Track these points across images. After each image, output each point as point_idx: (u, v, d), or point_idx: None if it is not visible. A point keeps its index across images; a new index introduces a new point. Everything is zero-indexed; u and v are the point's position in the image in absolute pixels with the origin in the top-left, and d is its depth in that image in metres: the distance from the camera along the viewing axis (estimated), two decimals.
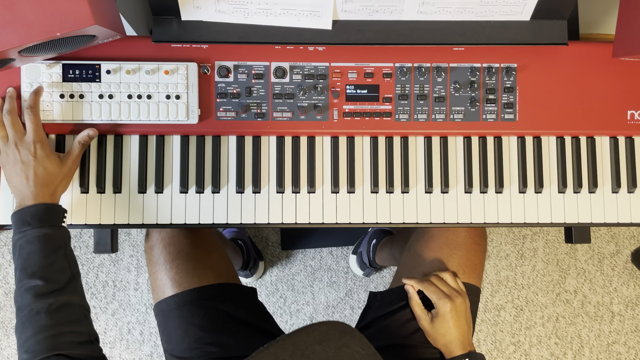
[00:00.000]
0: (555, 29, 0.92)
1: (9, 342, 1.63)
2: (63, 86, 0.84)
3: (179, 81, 0.85)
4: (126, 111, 0.85)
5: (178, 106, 0.85)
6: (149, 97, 0.85)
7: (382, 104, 0.91)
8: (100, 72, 0.84)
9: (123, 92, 0.85)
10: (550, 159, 0.94)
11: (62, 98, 0.84)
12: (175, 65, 0.85)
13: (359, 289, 1.66)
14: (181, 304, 0.95)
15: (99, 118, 0.85)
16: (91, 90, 0.84)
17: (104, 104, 0.84)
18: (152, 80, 0.85)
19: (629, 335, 1.68)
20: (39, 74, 0.83)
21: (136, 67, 0.84)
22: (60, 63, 0.84)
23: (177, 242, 0.98)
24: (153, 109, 0.85)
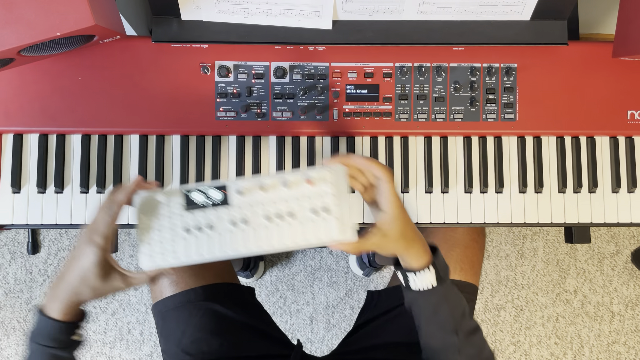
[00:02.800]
0: (555, 29, 0.92)
1: (8, 342, 1.63)
2: (187, 218, 0.66)
3: (325, 190, 0.66)
4: (266, 237, 0.66)
5: (328, 222, 0.65)
6: (291, 216, 0.66)
7: (382, 103, 0.91)
8: (228, 195, 0.67)
9: (259, 215, 0.66)
10: (550, 159, 0.94)
11: (187, 233, 0.66)
12: (319, 172, 0.66)
13: (359, 288, 1.66)
14: (179, 304, 0.95)
15: (235, 251, 0.66)
16: (221, 217, 0.66)
17: (238, 233, 0.66)
18: (292, 195, 0.66)
19: (629, 335, 1.68)
20: (157, 206, 0.67)
21: (271, 182, 0.67)
22: (179, 190, 0.67)
23: None
24: (298, 230, 0.66)
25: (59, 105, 0.89)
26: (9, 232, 1.63)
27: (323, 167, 0.67)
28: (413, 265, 0.71)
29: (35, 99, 0.89)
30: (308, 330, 1.64)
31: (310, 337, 1.64)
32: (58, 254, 1.63)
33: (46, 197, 0.90)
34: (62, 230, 1.64)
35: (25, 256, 1.64)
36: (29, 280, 1.63)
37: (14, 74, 0.88)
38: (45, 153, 0.91)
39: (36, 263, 1.63)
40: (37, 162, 0.91)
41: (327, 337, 1.64)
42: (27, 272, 1.63)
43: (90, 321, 1.62)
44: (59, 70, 0.89)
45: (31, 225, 0.91)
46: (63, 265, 0.68)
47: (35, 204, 0.90)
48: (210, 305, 0.95)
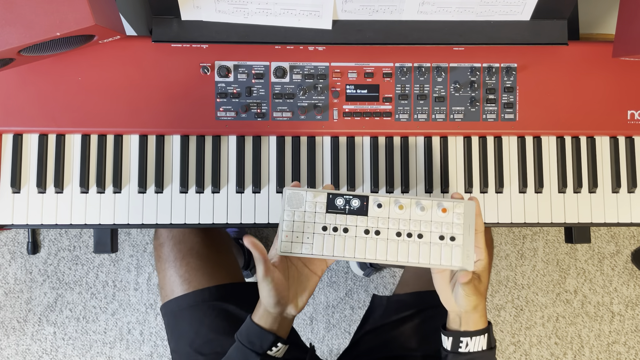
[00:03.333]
0: (555, 29, 0.92)
1: (8, 342, 1.63)
2: (327, 218, 0.74)
3: (454, 221, 0.73)
4: (393, 251, 0.73)
5: (452, 250, 0.72)
6: (420, 237, 0.73)
7: (382, 103, 0.91)
8: (368, 205, 0.74)
9: (391, 229, 0.73)
10: (550, 159, 0.94)
11: (324, 231, 0.74)
12: (452, 203, 0.73)
13: (359, 289, 1.65)
14: (192, 304, 0.94)
15: (362, 256, 0.73)
16: (356, 224, 0.74)
17: (369, 241, 0.73)
18: (424, 218, 0.73)
19: (629, 335, 1.68)
20: (302, 203, 0.74)
21: (408, 202, 0.73)
22: (326, 192, 0.74)
23: (187, 240, 0.98)
24: (423, 251, 0.73)
25: (58, 105, 0.89)
26: (9, 232, 1.63)
27: (458, 200, 0.73)
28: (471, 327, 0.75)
29: (35, 99, 0.89)
30: (308, 330, 1.64)
31: (310, 337, 1.64)
32: (58, 254, 1.63)
33: (46, 197, 0.90)
34: (62, 230, 1.64)
35: (25, 256, 1.64)
36: (29, 280, 1.63)
37: (14, 74, 0.88)
38: (45, 153, 0.91)
39: (36, 263, 1.63)
40: (36, 162, 0.91)
41: (327, 337, 1.64)
42: (27, 272, 1.63)
43: (90, 321, 1.62)
44: (59, 70, 0.89)
45: (31, 225, 0.91)
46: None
47: (35, 204, 0.90)
48: (224, 306, 0.95)
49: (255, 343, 0.74)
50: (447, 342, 0.76)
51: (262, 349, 0.74)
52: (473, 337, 0.74)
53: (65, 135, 0.91)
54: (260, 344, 0.74)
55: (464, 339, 0.75)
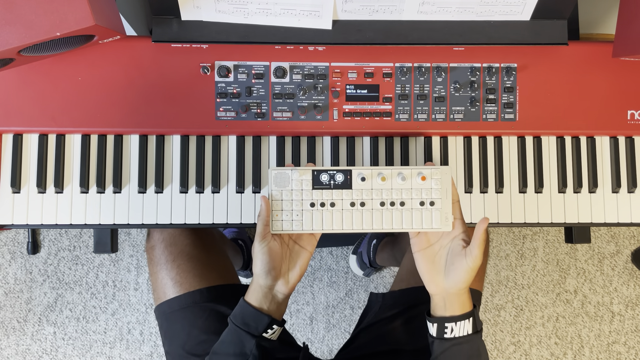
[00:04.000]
0: (555, 29, 0.92)
1: (8, 342, 1.63)
2: (313, 194, 0.77)
3: (433, 186, 0.77)
4: (378, 220, 0.77)
5: (432, 213, 0.77)
6: (402, 205, 0.77)
7: (382, 103, 0.91)
8: (351, 179, 0.77)
9: (375, 200, 0.77)
10: (550, 159, 0.94)
11: (312, 207, 0.77)
12: (430, 170, 0.76)
13: (359, 289, 1.66)
14: (184, 305, 0.95)
15: (350, 227, 0.77)
16: (342, 197, 0.77)
17: (355, 213, 0.77)
18: (405, 186, 0.77)
19: (629, 335, 1.68)
20: (288, 182, 0.76)
21: (389, 173, 0.77)
22: (310, 169, 0.77)
23: (178, 242, 0.98)
24: (406, 217, 0.77)
25: (58, 105, 0.89)
26: (9, 232, 1.63)
27: (434, 167, 0.77)
28: (456, 311, 0.74)
29: (35, 99, 0.89)
30: (308, 330, 1.64)
31: (310, 337, 1.64)
32: (58, 254, 1.63)
33: (46, 197, 0.90)
34: (62, 230, 1.64)
35: (25, 256, 1.64)
36: (29, 280, 1.63)
37: (14, 74, 0.88)
38: (45, 153, 0.91)
39: (36, 263, 1.63)
40: (36, 162, 0.91)
41: (327, 337, 1.64)
42: (27, 272, 1.63)
43: (90, 321, 1.62)
44: (59, 70, 0.89)
45: (31, 225, 0.91)
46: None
47: (35, 204, 0.90)
48: (216, 307, 0.95)
49: (250, 325, 0.74)
50: (433, 329, 0.76)
51: (258, 331, 0.74)
52: (458, 321, 0.74)
53: (65, 135, 0.91)
54: (256, 326, 0.74)
55: (448, 325, 0.74)
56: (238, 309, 0.76)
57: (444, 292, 0.75)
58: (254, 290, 0.76)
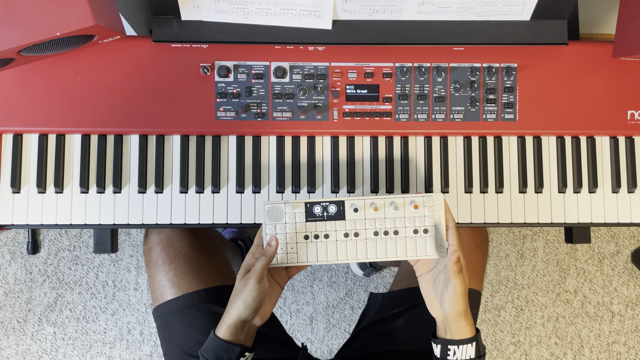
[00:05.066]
0: (555, 29, 0.92)
1: (8, 342, 1.63)
2: (307, 226, 0.78)
3: (425, 214, 0.78)
4: (373, 250, 0.78)
5: (426, 241, 0.77)
6: (395, 234, 0.78)
7: (382, 103, 0.91)
8: (344, 210, 0.78)
9: (369, 230, 0.78)
10: (550, 159, 0.94)
11: (306, 239, 0.78)
12: (422, 198, 0.77)
13: (359, 289, 1.66)
14: (182, 307, 0.95)
15: (344, 258, 0.78)
16: (336, 229, 0.78)
17: (349, 243, 0.78)
18: (398, 215, 0.78)
19: (629, 335, 1.68)
20: (282, 215, 0.77)
21: (381, 202, 0.78)
22: (303, 202, 0.78)
23: (175, 244, 0.98)
24: (400, 246, 0.78)
25: (58, 105, 0.89)
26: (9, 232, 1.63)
27: (427, 195, 0.78)
28: (456, 335, 0.75)
29: (35, 99, 0.89)
30: (308, 330, 1.64)
31: (310, 337, 1.64)
32: (58, 254, 1.63)
33: (46, 197, 0.90)
34: (62, 230, 1.64)
35: (25, 256, 1.64)
36: (29, 280, 1.63)
37: (14, 74, 0.88)
38: (45, 153, 0.91)
39: (36, 263, 1.63)
40: (36, 162, 0.91)
41: (327, 337, 1.64)
42: (27, 272, 1.63)
43: (90, 321, 1.63)
44: (59, 70, 0.89)
45: (31, 225, 0.91)
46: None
47: (35, 204, 0.90)
48: (214, 308, 0.95)
49: (223, 357, 0.75)
50: (437, 350, 0.77)
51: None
52: (460, 345, 0.75)
53: (65, 135, 0.91)
54: (229, 357, 0.75)
55: (451, 347, 0.76)
56: (209, 343, 0.77)
57: (442, 317, 0.76)
58: (229, 325, 0.76)
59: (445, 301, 0.73)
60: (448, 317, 0.75)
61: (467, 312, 0.75)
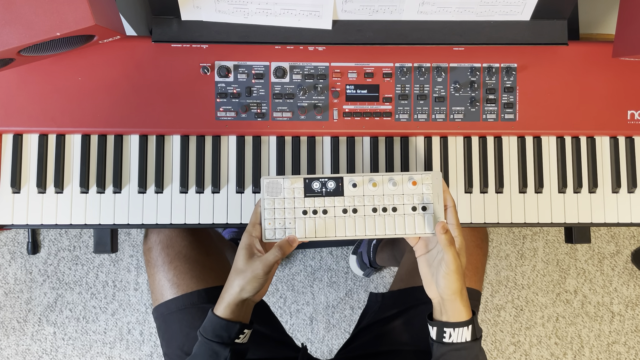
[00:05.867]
0: (555, 29, 0.92)
1: (8, 342, 1.63)
2: (305, 202, 0.77)
3: (424, 191, 0.77)
4: (371, 226, 0.77)
5: (425, 217, 0.77)
6: (394, 210, 0.77)
7: (382, 104, 0.91)
8: (343, 186, 0.77)
9: (367, 206, 0.77)
10: (550, 159, 0.94)
11: (305, 214, 0.77)
12: (421, 176, 0.77)
13: (359, 289, 1.65)
14: (182, 307, 0.95)
15: (342, 234, 0.77)
16: (334, 204, 0.77)
17: (347, 219, 0.77)
18: (397, 192, 0.77)
19: (629, 335, 1.68)
20: (280, 190, 0.77)
21: (380, 179, 0.77)
22: (302, 178, 0.77)
23: (175, 244, 0.98)
24: (399, 223, 0.77)
25: (58, 105, 0.89)
26: (9, 232, 1.63)
27: (425, 172, 0.78)
28: (451, 318, 0.75)
29: (35, 99, 0.89)
30: (308, 330, 1.64)
31: (310, 337, 1.64)
32: (58, 254, 1.63)
33: (46, 197, 0.91)
34: (62, 230, 1.64)
35: (25, 256, 1.64)
36: (29, 280, 1.63)
37: (14, 74, 0.88)
38: (45, 153, 0.91)
39: (36, 263, 1.63)
40: (37, 162, 0.91)
41: (327, 337, 1.64)
42: (27, 272, 1.63)
43: (90, 321, 1.63)
44: (59, 70, 0.89)
45: (31, 225, 0.91)
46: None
47: (35, 204, 0.90)
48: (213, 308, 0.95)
49: (222, 335, 0.76)
50: (433, 332, 0.77)
51: (230, 339, 0.76)
52: (456, 328, 0.75)
53: (66, 135, 0.91)
54: (228, 335, 0.76)
55: (447, 330, 0.75)
56: (207, 322, 0.77)
57: (438, 297, 0.76)
58: (229, 304, 0.76)
59: (440, 279, 0.73)
60: (444, 297, 0.74)
61: (462, 292, 0.74)
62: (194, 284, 0.96)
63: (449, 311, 0.74)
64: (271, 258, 0.74)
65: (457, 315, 0.74)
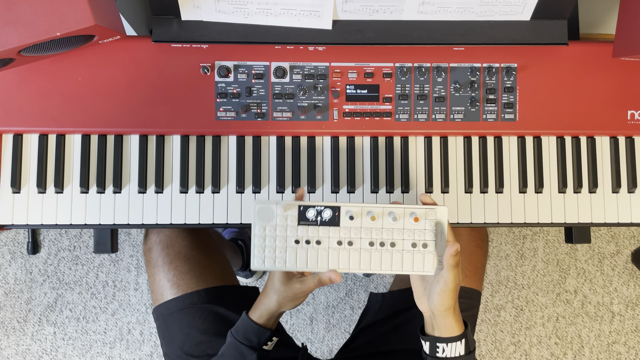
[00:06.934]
0: (555, 29, 0.92)
1: (8, 342, 1.63)
2: (298, 230, 0.72)
3: (426, 227, 0.73)
4: (366, 261, 0.73)
5: (424, 256, 0.73)
6: (392, 245, 0.73)
7: (382, 104, 0.91)
8: (339, 216, 0.73)
9: (364, 239, 0.73)
10: (550, 159, 0.94)
11: (297, 244, 0.73)
12: (424, 211, 0.73)
13: (359, 289, 1.65)
14: (182, 307, 0.95)
15: (335, 267, 0.73)
16: (329, 235, 0.73)
17: (342, 252, 0.73)
18: (397, 226, 0.73)
19: (629, 335, 1.68)
20: (273, 216, 0.72)
21: (380, 212, 0.73)
22: (297, 205, 0.72)
23: (175, 244, 0.98)
24: (396, 259, 0.73)
25: (58, 105, 0.89)
26: (9, 232, 1.63)
27: (429, 207, 0.73)
28: (444, 333, 0.73)
29: (35, 99, 0.89)
30: (308, 330, 1.64)
31: (310, 337, 1.64)
32: (58, 254, 1.63)
33: (46, 197, 0.90)
34: (62, 230, 1.64)
35: (25, 256, 1.64)
36: (29, 280, 1.63)
37: (14, 74, 0.88)
38: (45, 153, 0.91)
39: (36, 263, 1.63)
40: (37, 162, 0.91)
41: (327, 337, 1.64)
42: (27, 272, 1.63)
43: (90, 321, 1.63)
44: (59, 70, 0.89)
45: (31, 225, 0.91)
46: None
47: (35, 204, 0.90)
48: (214, 308, 0.95)
49: (252, 340, 0.77)
50: (425, 346, 0.75)
51: (259, 344, 0.78)
52: (449, 343, 0.73)
53: (66, 135, 0.91)
54: (258, 340, 0.77)
55: (440, 345, 0.74)
56: (240, 324, 0.79)
57: (429, 311, 0.74)
58: (264, 312, 0.78)
59: (434, 294, 0.72)
60: (435, 312, 0.73)
61: (455, 308, 0.73)
62: (194, 284, 0.96)
63: (441, 326, 0.73)
64: (311, 285, 0.74)
65: (449, 330, 0.73)
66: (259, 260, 0.73)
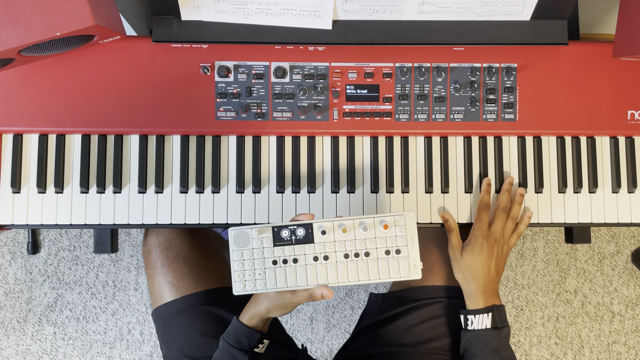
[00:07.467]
0: (555, 29, 0.92)
1: (8, 342, 1.63)
2: (275, 251, 0.75)
3: (397, 234, 0.75)
4: (344, 273, 0.75)
5: (399, 262, 0.75)
6: (367, 255, 0.75)
7: (382, 104, 0.91)
8: (313, 233, 0.75)
9: (339, 252, 0.75)
10: (550, 159, 0.94)
11: (275, 264, 0.75)
12: (393, 217, 0.75)
13: (359, 289, 1.66)
14: (181, 309, 0.95)
15: (315, 282, 0.75)
16: (305, 252, 0.75)
17: (319, 267, 0.75)
18: (368, 236, 0.75)
19: (629, 335, 1.68)
20: (249, 241, 0.75)
21: (350, 224, 0.75)
22: (270, 227, 0.75)
23: (174, 245, 0.98)
24: (373, 268, 0.75)
25: (58, 105, 0.89)
26: (9, 232, 1.63)
27: (397, 213, 0.75)
28: (470, 306, 0.86)
29: (35, 99, 0.89)
30: (308, 330, 1.64)
31: (310, 337, 1.64)
32: (58, 254, 1.63)
33: (46, 197, 0.91)
34: (62, 230, 1.64)
35: (25, 256, 1.64)
36: (29, 280, 1.63)
37: (14, 74, 0.88)
38: (45, 153, 0.91)
39: (36, 263, 1.63)
40: (37, 162, 0.91)
41: (327, 337, 1.64)
42: (27, 272, 1.63)
43: (90, 321, 1.63)
44: (59, 70, 0.89)
45: (31, 225, 0.91)
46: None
47: (35, 204, 0.90)
48: (214, 310, 0.95)
49: (243, 342, 0.79)
50: (462, 321, 0.86)
51: (250, 347, 0.79)
52: (477, 314, 0.83)
53: (66, 136, 0.91)
54: (249, 342, 0.79)
55: (469, 317, 0.84)
56: (231, 328, 0.80)
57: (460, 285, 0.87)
58: (254, 316, 0.79)
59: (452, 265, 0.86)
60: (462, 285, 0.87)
61: (471, 282, 0.84)
62: (193, 286, 0.96)
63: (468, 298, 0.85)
64: (302, 298, 0.76)
65: (474, 303, 0.84)
66: (240, 285, 0.75)
